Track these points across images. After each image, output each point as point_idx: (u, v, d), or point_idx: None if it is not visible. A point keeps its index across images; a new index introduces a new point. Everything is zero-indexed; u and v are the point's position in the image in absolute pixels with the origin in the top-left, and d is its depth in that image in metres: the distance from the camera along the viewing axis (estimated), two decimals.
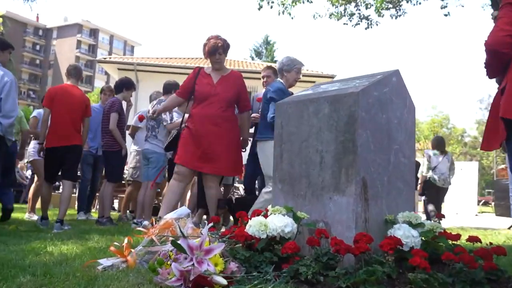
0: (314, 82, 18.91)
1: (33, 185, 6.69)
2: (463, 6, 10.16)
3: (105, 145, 5.55)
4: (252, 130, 4.98)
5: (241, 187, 8.35)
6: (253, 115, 4.81)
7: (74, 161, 4.97)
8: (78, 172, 6.10)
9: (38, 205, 6.38)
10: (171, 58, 20.21)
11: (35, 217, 6.02)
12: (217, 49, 4.09)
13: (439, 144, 7.48)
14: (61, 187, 7.80)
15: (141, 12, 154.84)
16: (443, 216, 3.09)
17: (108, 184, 5.56)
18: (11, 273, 2.25)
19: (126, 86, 5.74)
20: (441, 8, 10.09)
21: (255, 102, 5.06)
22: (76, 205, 9.23)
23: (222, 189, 4.98)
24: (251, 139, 4.89)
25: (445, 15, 10.15)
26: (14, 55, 4.99)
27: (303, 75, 17.61)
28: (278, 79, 4.55)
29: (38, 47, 67.12)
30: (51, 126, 4.87)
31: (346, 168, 2.43)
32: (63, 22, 67.88)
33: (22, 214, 6.62)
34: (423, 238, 2.44)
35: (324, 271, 2.18)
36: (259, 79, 6.33)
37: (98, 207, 6.79)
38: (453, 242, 2.50)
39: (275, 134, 2.87)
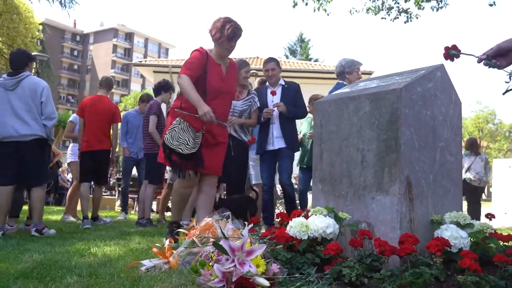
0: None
1: (70, 188, 6.92)
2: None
3: (146, 148, 5.71)
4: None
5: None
6: (266, 109, 4.61)
7: (102, 164, 5.58)
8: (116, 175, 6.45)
9: (79, 207, 6.63)
10: None
11: (71, 219, 6.22)
12: (237, 36, 3.56)
13: (472, 145, 7.84)
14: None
15: (175, 15, 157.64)
16: (493, 216, 2.98)
17: (149, 186, 5.71)
18: (58, 274, 2.35)
19: (164, 88, 5.87)
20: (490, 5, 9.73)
21: (269, 95, 4.79)
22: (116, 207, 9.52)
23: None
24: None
25: (490, 5, 9.78)
26: (53, 61, 5.36)
27: None
28: (340, 81, 4.65)
29: (76, 53, 69.51)
30: (83, 133, 5.57)
31: (389, 167, 2.40)
32: (99, 27, 70.00)
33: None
34: (472, 239, 2.38)
35: (368, 273, 2.16)
36: (294, 77, 6.31)
37: (137, 208, 6.97)
38: (504, 243, 2.42)
39: (314, 133, 2.87)
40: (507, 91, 1.86)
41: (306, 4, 8.94)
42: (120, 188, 7.77)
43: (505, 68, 1.71)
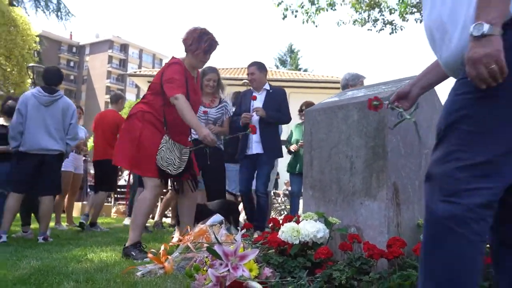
0: (339, 88, 18.83)
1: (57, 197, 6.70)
2: None
3: None
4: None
5: None
6: (244, 114, 4.47)
7: (105, 173, 5.74)
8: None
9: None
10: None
11: (63, 227, 6.13)
12: (213, 48, 3.43)
13: None
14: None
15: (168, 26, 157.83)
16: None
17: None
18: (55, 280, 2.32)
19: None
20: None
21: (248, 99, 4.65)
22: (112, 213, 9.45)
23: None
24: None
25: None
26: None
27: (327, 82, 17.40)
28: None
29: (72, 64, 69.14)
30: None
31: (377, 173, 2.41)
32: (95, 38, 69.75)
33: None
34: None
35: (357, 275, 2.16)
36: (285, 87, 6.28)
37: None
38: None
39: (304, 141, 2.88)
40: (395, 125, 2.07)
41: (295, 16, 9.01)
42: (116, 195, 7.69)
43: (408, 109, 1.81)
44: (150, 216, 6.50)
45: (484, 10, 1.17)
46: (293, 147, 5.45)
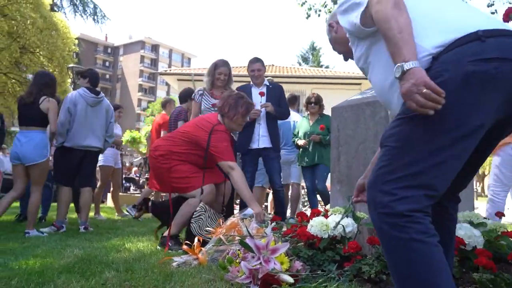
0: (360, 84, 18.52)
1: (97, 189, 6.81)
2: (510, 4, 9.48)
3: None
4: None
5: None
6: (254, 110, 4.19)
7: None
8: None
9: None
10: None
11: (102, 217, 6.20)
12: (249, 111, 3.62)
13: None
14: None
15: (196, 27, 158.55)
16: (503, 215, 2.89)
17: None
18: (98, 269, 2.35)
19: (190, 96, 5.87)
20: (488, 6, 9.52)
21: (257, 96, 4.48)
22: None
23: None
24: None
25: (492, 13, 9.56)
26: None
27: (349, 78, 17.00)
28: None
29: (107, 64, 70.40)
30: None
31: None
32: (128, 39, 70.76)
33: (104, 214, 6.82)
34: (485, 237, 2.29)
35: (386, 270, 2.09)
36: (307, 83, 6.15)
37: None
38: None
39: (331, 137, 2.82)
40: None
41: (319, 15, 8.86)
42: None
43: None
44: None
45: (396, 55, 1.27)
46: (302, 142, 5.16)
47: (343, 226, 2.31)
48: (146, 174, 14.55)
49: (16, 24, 12.16)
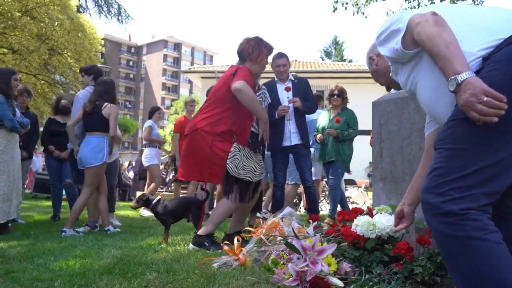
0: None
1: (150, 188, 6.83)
2: None
3: None
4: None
5: None
6: (282, 106, 4.19)
7: None
8: None
9: None
10: None
11: (146, 213, 6.23)
12: (271, 52, 3.40)
13: None
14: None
15: (218, 24, 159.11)
16: None
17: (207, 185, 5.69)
18: (138, 270, 2.31)
19: None
20: None
21: (283, 91, 4.34)
22: None
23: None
24: None
25: None
26: (112, 71, 5.44)
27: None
28: None
29: (131, 63, 71.47)
30: None
31: None
32: (151, 39, 71.60)
33: (131, 212, 6.85)
34: None
35: (439, 271, 1.99)
36: (330, 78, 5.95)
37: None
38: None
39: (373, 132, 2.70)
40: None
41: (346, 8, 8.69)
42: None
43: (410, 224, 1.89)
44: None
45: (448, 69, 1.26)
46: (318, 137, 5.02)
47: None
48: (173, 172, 14.67)
49: (44, 26, 12.44)
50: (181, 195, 6.11)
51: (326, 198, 8.54)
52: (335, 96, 5.02)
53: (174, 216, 3.43)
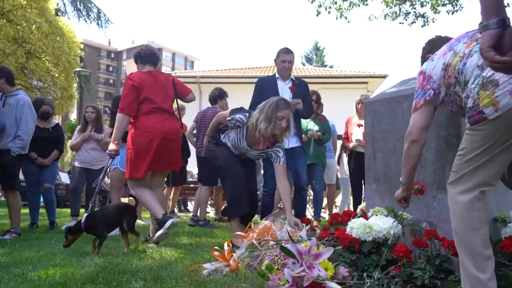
0: (367, 82, 18.31)
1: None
2: None
3: (201, 151, 5.45)
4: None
5: None
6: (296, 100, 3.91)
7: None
8: None
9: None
10: (230, 69, 20.35)
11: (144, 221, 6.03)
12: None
13: None
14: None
15: (198, 30, 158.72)
16: None
17: (206, 188, 5.55)
18: (123, 278, 2.19)
19: (219, 97, 5.71)
20: None
21: (286, 90, 4.09)
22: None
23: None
24: None
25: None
26: (91, 76, 5.25)
27: (353, 77, 16.87)
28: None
29: (111, 69, 70.43)
30: None
31: (451, 164, 2.15)
32: (131, 44, 70.70)
33: None
34: None
35: (439, 274, 1.93)
36: (311, 83, 5.87)
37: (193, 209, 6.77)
38: None
39: (366, 133, 2.64)
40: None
41: (329, 12, 8.70)
42: None
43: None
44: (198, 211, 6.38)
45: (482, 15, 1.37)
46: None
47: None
48: None
49: (21, 29, 12.08)
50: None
51: (309, 203, 8.50)
52: (313, 102, 4.98)
53: (110, 226, 3.27)
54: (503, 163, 1.57)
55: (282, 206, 7.23)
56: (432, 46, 1.95)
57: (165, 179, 6.24)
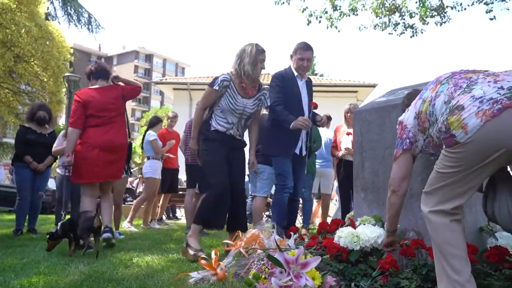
0: (356, 92, 18.45)
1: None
2: (508, 10, 9.47)
3: (190, 158, 5.41)
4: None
5: None
6: (304, 121, 3.47)
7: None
8: None
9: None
10: None
11: (132, 228, 5.97)
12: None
13: None
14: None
15: (190, 37, 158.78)
16: None
17: (196, 195, 5.52)
18: (108, 287, 2.15)
19: None
20: (486, 12, 9.49)
21: (295, 85, 3.77)
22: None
23: None
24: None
25: (491, 19, 9.55)
26: (81, 81, 5.21)
27: (344, 85, 16.96)
28: None
29: None
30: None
31: None
32: (122, 49, 70.53)
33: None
34: None
35: (424, 283, 1.93)
36: None
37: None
38: None
39: (354, 142, 2.66)
40: None
41: (320, 21, 8.77)
42: None
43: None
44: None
45: None
46: None
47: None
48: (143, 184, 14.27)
49: (10, 32, 11.95)
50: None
51: (299, 211, 8.49)
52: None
53: (77, 231, 3.31)
54: (474, 183, 1.63)
55: (268, 214, 7.25)
56: (410, 100, 2.03)
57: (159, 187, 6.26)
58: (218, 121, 3.35)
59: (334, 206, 8.34)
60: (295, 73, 3.75)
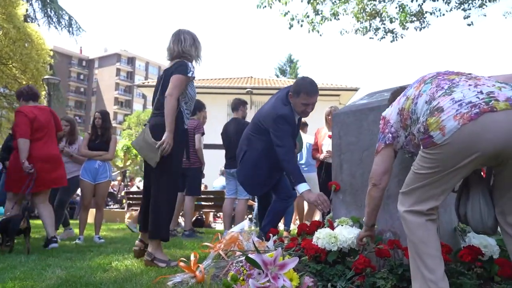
0: (338, 95, 18.64)
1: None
2: (485, 16, 9.73)
3: (187, 163, 5.36)
4: None
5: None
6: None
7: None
8: None
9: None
10: (204, 80, 20.33)
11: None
12: None
13: None
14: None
15: None
16: None
17: (191, 199, 5.52)
18: None
19: (198, 108, 5.63)
20: (464, 18, 9.73)
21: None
22: (125, 219, 9.25)
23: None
24: None
25: (468, 25, 9.80)
26: (61, 85, 5.15)
27: (326, 89, 17.16)
28: None
29: (82, 77, 69.06)
30: None
31: None
32: (104, 52, 69.73)
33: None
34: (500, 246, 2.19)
35: (399, 283, 1.97)
36: None
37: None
38: None
39: (333, 144, 2.69)
40: None
41: (301, 25, 8.86)
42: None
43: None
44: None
45: None
46: None
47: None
48: (125, 189, 14.11)
49: None
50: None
51: None
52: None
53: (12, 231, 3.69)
54: (450, 185, 1.66)
55: (250, 217, 7.25)
56: (394, 97, 2.07)
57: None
58: (186, 116, 3.21)
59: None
60: (294, 113, 3.26)
